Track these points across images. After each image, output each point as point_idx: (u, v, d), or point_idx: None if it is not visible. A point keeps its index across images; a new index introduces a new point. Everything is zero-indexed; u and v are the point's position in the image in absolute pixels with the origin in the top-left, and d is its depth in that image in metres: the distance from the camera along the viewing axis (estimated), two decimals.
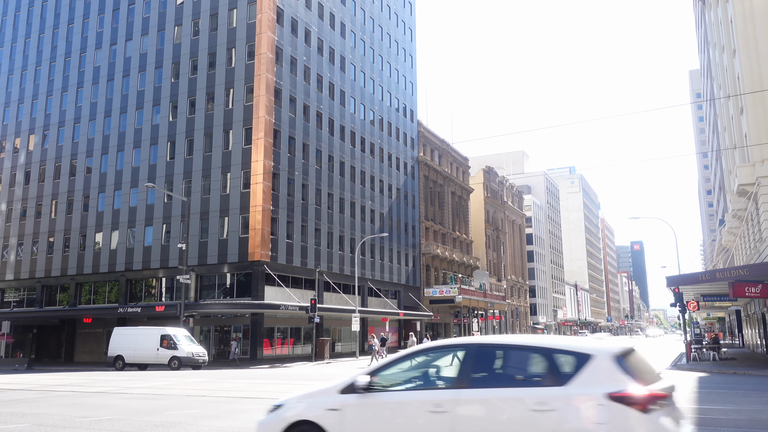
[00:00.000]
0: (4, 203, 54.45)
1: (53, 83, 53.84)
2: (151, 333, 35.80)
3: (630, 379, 5.76)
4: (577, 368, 5.93)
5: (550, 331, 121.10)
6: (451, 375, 6.50)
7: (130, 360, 35.71)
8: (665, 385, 6.11)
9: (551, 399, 5.82)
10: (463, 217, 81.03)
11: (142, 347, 35.39)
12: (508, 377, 6.35)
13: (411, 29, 71.08)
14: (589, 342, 6.35)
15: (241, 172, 42.97)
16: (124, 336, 36.62)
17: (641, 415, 5.50)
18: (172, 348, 34.51)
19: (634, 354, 6.31)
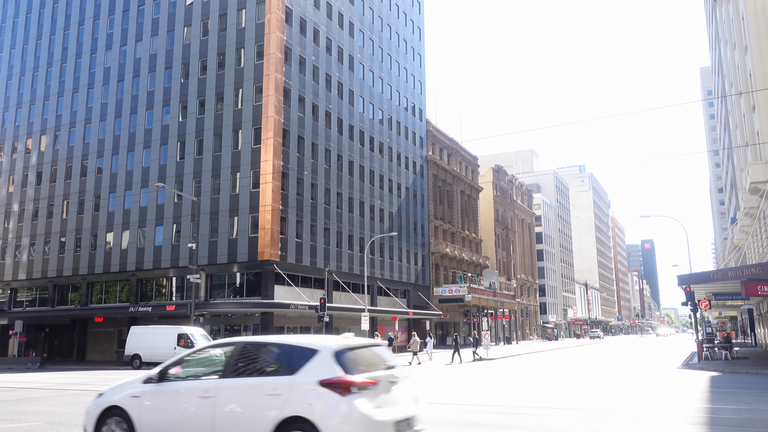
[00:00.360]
0: (16, 204, 54.92)
1: (64, 84, 54.24)
2: (169, 332, 35.75)
3: (341, 369, 7.24)
4: (305, 361, 7.47)
5: (560, 330, 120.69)
6: (220, 368, 8.07)
7: (147, 359, 35.65)
8: (380, 374, 7.57)
9: (281, 386, 7.39)
10: (472, 216, 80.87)
11: (159, 346, 35.37)
12: (257, 369, 7.88)
13: (420, 28, 71.01)
14: (318, 339, 7.82)
15: (250, 171, 43.10)
16: (141, 335, 36.67)
17: (340, 397, 7.00)
18: (189, 347, 34.29)
19: (356, 350, 7.77)
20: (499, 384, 20.62)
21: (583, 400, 15.43)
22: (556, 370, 27.78)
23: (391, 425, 7.24)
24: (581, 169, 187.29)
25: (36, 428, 11.43)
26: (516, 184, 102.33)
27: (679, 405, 14.28)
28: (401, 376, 7.98)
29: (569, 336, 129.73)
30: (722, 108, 62.97)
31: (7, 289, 53.86)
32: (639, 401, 14.95)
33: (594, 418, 12.03)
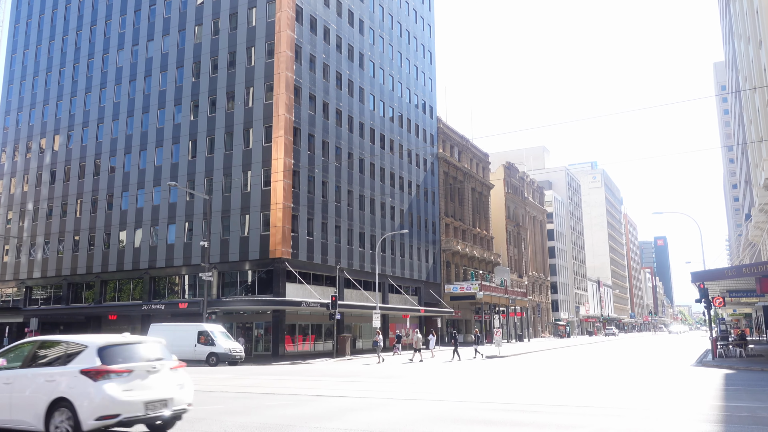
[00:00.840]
0: (31, 203, 55.49)
1: (77, 84, 54.68)
2: (189, 329, 35.56)
3: (100, 361, 9.41)
4: (76, 355, 9.65)
5: (572, 328, 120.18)
6: (21, 360, 10.28)
7: None
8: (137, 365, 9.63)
9: (55, 374, 9.61)
10: (483, 214, 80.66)
11: (179, 344, 34.80)
12: (45, 362, 10.08)
13: (430, 25, 70.86)
14: (91, 338, 10.00)
15: (261, 170, 43.26)
16: (161, 332, 36.04)
17: (92, 382, 9.15)
18: (210, 344, 34.24)
19: (119, 346, 9.87)
20: (511, 381, 20.58)
21: (595, 397, 15.37)
22: (568, 367, 27.68)
23: (141, 404, 9.35)
24: (593, 165, 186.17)
25: None
26: (527, 181, 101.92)
27: (693, 403, 14.19)
28: (165, 367, 10.01)
29: (582, 333, 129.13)
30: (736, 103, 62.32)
31: (22, 288, 54.47)
32: (652, 399, 14.87)
33: (607, 415, 11.98)
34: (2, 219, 57.38)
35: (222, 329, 36.26)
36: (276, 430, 10.52)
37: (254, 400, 15.26)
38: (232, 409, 13.42)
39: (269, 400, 15.40)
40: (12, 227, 56.31)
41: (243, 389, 18.51)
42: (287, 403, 14.67)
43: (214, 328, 35.51)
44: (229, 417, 12.17)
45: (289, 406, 13.89)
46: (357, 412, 12.75)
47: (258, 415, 12.49)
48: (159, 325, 37.29)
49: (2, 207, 57.64)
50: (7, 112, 59.55)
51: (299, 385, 19.65)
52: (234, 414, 12.64)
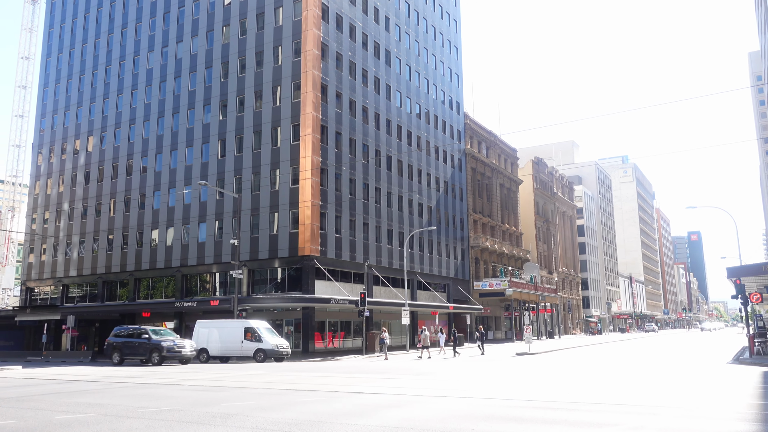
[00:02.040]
0: (66, 203, 56.83)
1: (109, 86, 55.77)
2: (235, 326, 35.86)
3: None
4: None
5: (604, 325, 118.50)
6: None
7: (214, 353, 35.66)
8: None
9: None
10: (512, 209, 79.99)
11: (226, 340, 35.49)
12: None
13: (456, 20, 70.44)
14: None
15: (289, 168, 43.58)
16: (207, 329, 36.55)
17: None
18: (257, 340, 34.62)
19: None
20: (541, 379, 20.40)
21: (628, 395, 15.14)
22: (600, 364, 27.31)
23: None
24: (624, 159, 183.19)
25: (88, 419, 11.84)
26: (556, 176, 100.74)
27: (730, 401, 13.88)
28: None
29: (614, 330, 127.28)
30: None
31: (59, 286, 55.86)
32: (687, 397, 14.59)
33: (641, 413, 11.80)
34: (39, 219, 58.90)
35: (267, 325, 36.39)
36: (307, 426, 10.61)
37: (285, 397, 15.41)
38: (263, 405, 13.57)
39: (300, 396, 15.53)
40: (49, 227, 57.77)
41: (274, 385, 18.70)
42: (317, 399, 14.77)
43: (260, 324, 35.76)
44: (261, 413, 12.31)
45: (319, 403, 13.99)
46: (387, 408, 12.78)
47: (289, 411, 12.60)
48: (204, 322, 37.40)
49: (39, 207, 59.16)
50: (43, 115, 61.05)
51: (329, 382, 19.78)
52: (265, 410, 12.77)
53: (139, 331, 34.12)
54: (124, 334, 34.78)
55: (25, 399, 15.86)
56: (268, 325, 36.70)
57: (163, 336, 33.67)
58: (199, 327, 37.12)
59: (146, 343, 33.05)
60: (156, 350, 32.60)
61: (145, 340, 33.19)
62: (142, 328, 34.37)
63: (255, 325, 35.42)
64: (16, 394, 17.12)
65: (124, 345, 33.90)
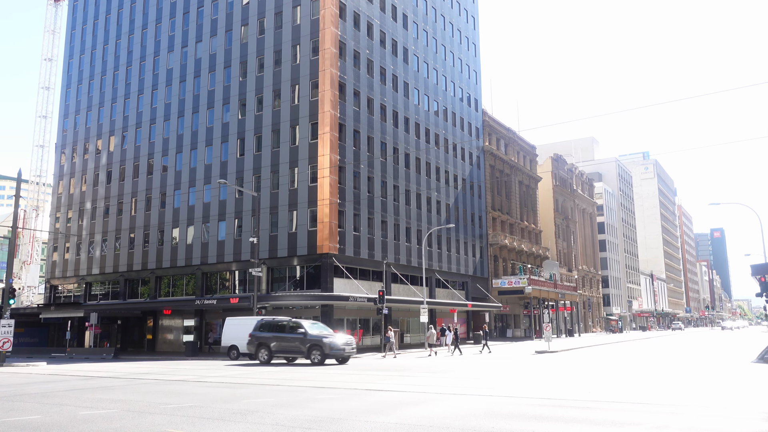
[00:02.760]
0: (89, 202, 57.66)
1: (130, 86, 56.43)
2: None
3: None
4: None
5: (625, 323, 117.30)
6: None
7: (244, 350, 34.33)
8: None
9: None
10: (531, 207, 79.47)
11: None
12: None
13: (474, 17, 70.10)
14: None
15: (308, 166, 43.74)
16: (237, 326, 35.83)
17: None
18: None
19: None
20: (561, 377, 20.26)
21: (650, 393, 14.98)
22: (621, 363, 27.05)
23: None
24: (645, 156, 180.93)
25: (112, 415, 12.02)
26: (576, 173, 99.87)
27: (754, 400, 13.66)
28: None
29: (635, 328, 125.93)
30: None
31: (82, 284, 56.72)
32: (710, 395, 14.40)
33: (663, 412, 11.67)
34: (63, 218, 59.84)
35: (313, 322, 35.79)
36: (327, 423, 10.65)
37: (304, 394, 15.49)
38: (283, 402, 13.66)
39: (319, 393, 15.60)
40: (72, 226, 58.66)
41: (293, 383, 18.80)
42: (336, 396, 14.83)
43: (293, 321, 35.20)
44: (281, 410, 12.39)
45: (338, 400, 14.04)
46: (406, 406, 12.79)
47: (308, 408, 12.67)
48: (234, 319, 36.97)
49: (63, 207, 60.10)
50: (66, 116, 61.98)
51: (348, 380, 19.84)
52: (285, 407, 12.85)
53: (292, 324, 30.02)
54: (271, 326, 30.41)
55: (49, 395, 16.14)
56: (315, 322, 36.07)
57: (321, 330, 30.03)
58: (229, 324, 36.47)
59: (302, 337, 28.83)
60: (316, 347, 28.29)
61: (300, 335, 28.96)
62: (295, 321, 30.36)
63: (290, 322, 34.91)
64: (41, 390, 17.43)
65: (275, 340, 29.55)
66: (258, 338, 30.25)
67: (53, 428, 10.54)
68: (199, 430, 10.19)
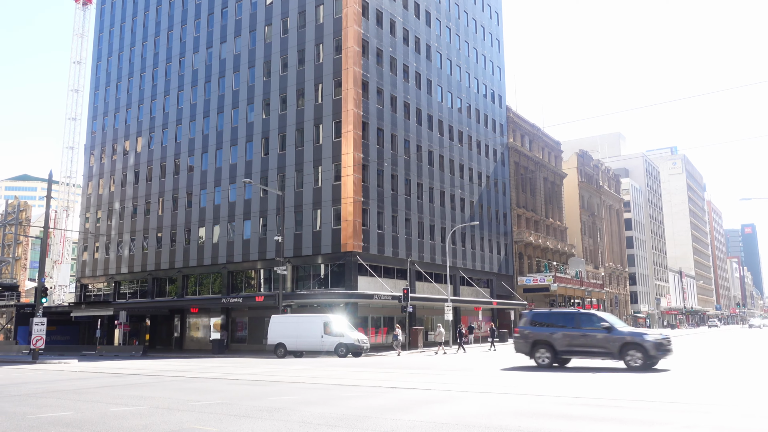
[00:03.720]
0: (117, 202, 58.65)
1: (156, 88, 57.22)
2: (314, 320, 35.48)
3: None
4: None
5: (653, 321, 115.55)
6: None
7: (292, 348, 35.32)
8: None
9: None
10: (556, 204, 78.71)
11: (304, 335, 35.11)
12: None
13: (497, 13, 69.58)
14: None
15: (331, 165, 43.89)
16: (283, 324, 36.24)
17: None
18: (337, 335, 34.25)
19: None
20: (588, 375, 20.02)
21: (680, 392, 14.73)
22: None
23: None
24: (673, 151, 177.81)
25: (142, 412, 12.21)
26: (602, 169, 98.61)
27: None
28: None
29: (663, 326, 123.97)
30: None
31: (111, 282, 57.73)
32: (741, 395, 14.10)
33: (693, 411, 11.46)
34: (92, 218, 60.96)
35: (344, 320, 36.31)
36: (353, 420, 10.68)
37: (330, 391, 15.55)
38: (309, 400, 13.73)
39: (344, 391, 15.65)
40: (101, 226, 59.74)
41: (318, 380, 18.90)
42: (362, 394, 14.86)
43: (338, 318, 35.67)
44: (307, 407, 12.46)
45: (364, 398, 14.07)
46: (431, 404, 12.77)
47: (334, 406, 12.72)
48: (279, 317, 37.19)
49: (92, 207, 61.24)
50: (94, 117, 63.10)
51: (373, 377, 19.87)
52: (311, 404, 12.92)
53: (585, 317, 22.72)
54: (556, 321, 23.08)
55: (81, 392, 16.47)
56: (346, 320, 36.55)
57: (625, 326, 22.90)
58: (275, 322, 36.66)
59: (608, 335, 21.59)
60: (635, 347, 20.94)
61: (603, 331, 21.69)
62: (590, 313, 23.35)
63: (334, 319, 35.26)
64: (73, 387, 17.80)
65: (564, 339, 22.35)
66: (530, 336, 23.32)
67: (85, 424, 10.75)
68: (227, 427, 10.29)
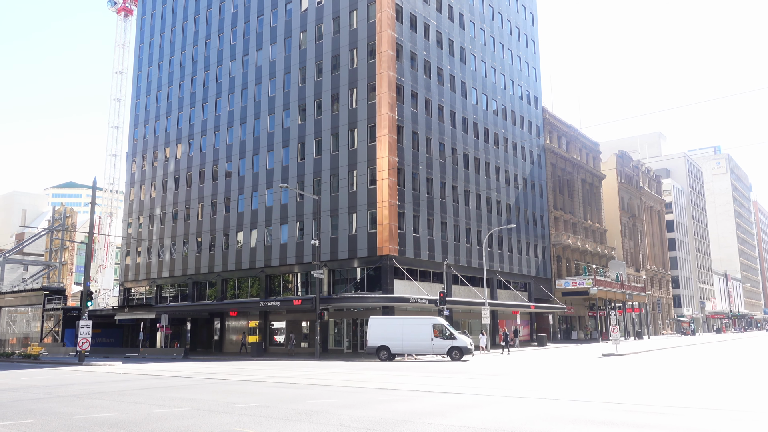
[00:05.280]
0: (158, 208, 60.00)
1: (195, 95, 58.39)
2: (421, 323, 34.91)
3: None
4: None
5: (697, 325, 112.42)
6: None
7: (397, 351, 34.75)
8: None
9: None
10: (595, 205, 77.37)
11: (411, 337, 34.71)
12: None
13: (532, 13, 68.88)
14: None
15: (367, 169, 44.05)
16: (384, 326, 35.37)
17: None
18: (449, 338, 34.12)
19: None
20: (630, 380, 19.61)
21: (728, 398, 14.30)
22: (696, 367, 25.92)
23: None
24: (716, 150, 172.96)
25: (184, 413, 12.45)
26: (642, 169, 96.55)
27: None
28: None
29: (707, 331, 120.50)
30: None
31: (153, 286, 59.05)
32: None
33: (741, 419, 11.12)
34: (134, 224, 62.49)
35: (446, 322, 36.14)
36: (391, 425, 10.69)
37: (367, 395, 15.59)
38: (346, 403, 13.79)
39: (381, 395, 15.67)
40: (143, 231, 61.19)
41: (356, 384, 18.96)
42: (399, 398, 14.86)
43: (443, 321, 35.54)
44: (345, 410, 12.52)
45: (401, 402, 14.06)
46: (469, 409, 12.68)
47: (372, 409, 12.75)
48: (379, 318, 36.80)
49: (134, 213, 62.77)
50: (136, 125, 64.73)
51: (410, 381, 19.84)
52: (349, 407, 12.98)
53: None
54: None
55: (125, 393, 16.88)
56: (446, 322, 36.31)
57: None
58: (375, 323, 35.87)
59: None
60: None
61: None
62: None
63: (442, 321, 35.01)
64: (117, 389, 18.25)
65: None
66: None
67: (129, 425, 11.01)
68: (266, 429, 10.42)
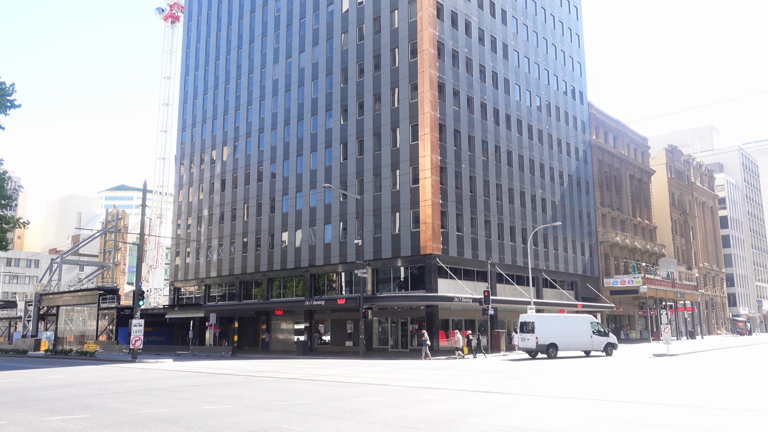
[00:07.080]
0: (206, 209, 61.39)
1: (240, 99, 59.47)
2: (581, 320, 37.42)
3: None
4: None
5: (754, 325, 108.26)
6: None
7: (563, 347, 35.90)
8: None
9: None
10: (644, 202, 75.38)
11: (575, 335, 36.49)
12: None
13: (576, 7, 67.55)
14: None
15: (409, 168, 44.02)
16: (551, 323, 36.52)
17: None
18: (603, 335, 36.78)
19: None
20: (683, 382, 19.05)
21: None
22: (753, 368, 24.97)
23: None
24: None
25: (231, 410, 12.72)
26: (693, 164, 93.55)
27: None
28: None
29: (765, 331, 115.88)
30: None
31: (202, 286, 60.45)
32: None
33: None
34: (183, 225, 64.09)
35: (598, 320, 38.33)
36: (435, 424, 10.67)
37: (412, 394, 15.60)
38: (391, 402, 13.83)
39: (426, 394, 15.66)
40: (191, 232, 62.69)
41: (400, 383, 19.00)
42: (443, 397, 14.82)
43: (596, 319, 37.39)
44: (390, 409, 12.56)
45: (445, 401, 14.02)
46: (514, 409, 12.55)
47: (416, 408, 12.75)
48: (541, 316, 37.57)
49: (183, 214, 64.38)
50: (183, 129, 66.36)
51: (453, 380, 19.76)
52: (393, 406, 13.01)
53: None
54: None
55: (176, 390, 17.35)
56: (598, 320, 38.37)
57: None
58: (541, 321, 36.60)
59: None
60: None
61: None
62: None
63: (596, 320, 37.09)
64: (168, 386, 18.77)
65: None
66: None
67: (180, 421, 11.32)
68: (312, 427, 10.54)
